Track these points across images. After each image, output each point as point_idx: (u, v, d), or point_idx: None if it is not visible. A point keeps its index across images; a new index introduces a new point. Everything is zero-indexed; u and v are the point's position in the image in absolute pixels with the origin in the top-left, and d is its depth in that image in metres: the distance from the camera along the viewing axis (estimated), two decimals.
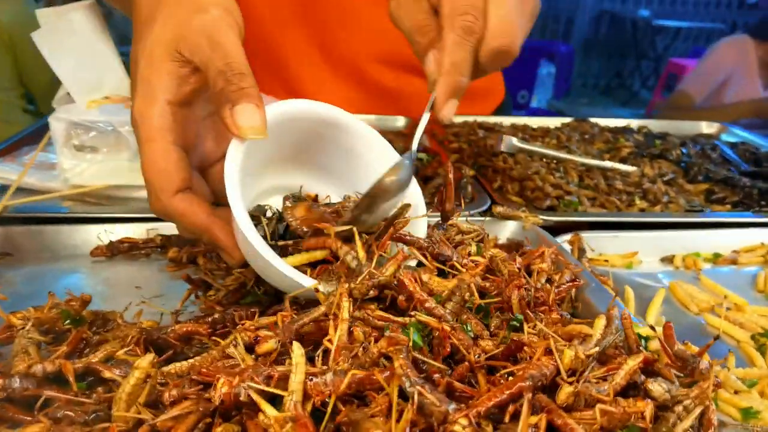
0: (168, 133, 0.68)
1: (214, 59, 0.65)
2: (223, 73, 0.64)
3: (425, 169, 1.45)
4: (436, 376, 0.60)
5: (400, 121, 1.92)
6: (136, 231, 1.07)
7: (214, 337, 0.73)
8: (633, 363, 0.61)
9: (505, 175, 1.38)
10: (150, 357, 0.60)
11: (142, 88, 0.67)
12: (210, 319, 0.76)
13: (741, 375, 0.77)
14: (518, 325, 0.69)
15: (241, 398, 0.53)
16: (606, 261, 1.10)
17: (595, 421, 0.55)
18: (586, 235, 1.18)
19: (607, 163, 1.45)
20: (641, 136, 1.78)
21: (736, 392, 0.73)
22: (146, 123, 0.67)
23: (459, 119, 1.93)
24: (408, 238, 0.80)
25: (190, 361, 0.65)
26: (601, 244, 1.19)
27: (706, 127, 2.14)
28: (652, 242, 1.21)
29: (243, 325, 0.69)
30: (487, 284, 0.80)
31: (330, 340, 0.61)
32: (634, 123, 2.00)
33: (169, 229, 1.06)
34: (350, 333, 0.62)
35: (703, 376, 0.63)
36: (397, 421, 0.52)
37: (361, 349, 0.59)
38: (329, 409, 0.52)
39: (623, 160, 1.53)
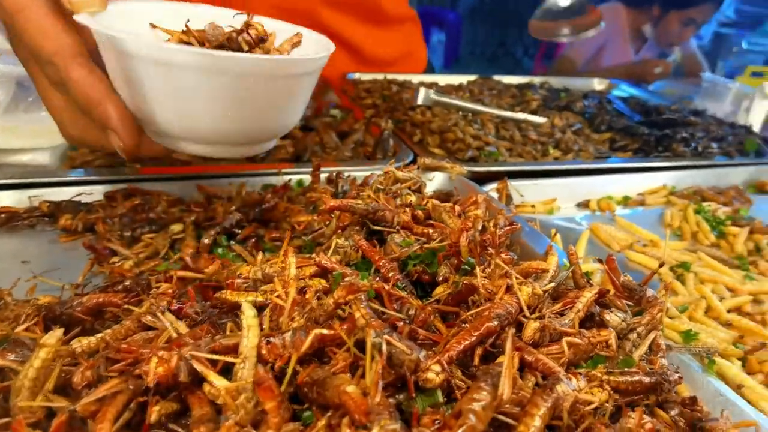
0: (44, 3, 0.61)
1: None
2: None
3: (341, 124, 1.38)
4: (400, 324, 0.55)
5: None
6: (16, 199, 0.91)
7: (127, 306, 0.63)
8: (590, 295, 0.60)
9: (425, 128, 1.35)
10: (58, 333, 0.49)
11: None
12: (121, 286, 0.66)
13: (674, 303, 0.81)
14: (470, 269, 0.66)
15: (181, 378, 0.45)
16: (533, 207, 1.11)
17: (563, 355, 0.54)
18: (509, 184, 1.19)
19: (521, 115, 1.46)
20: (545, 91, 1.83)
21: (669, 318, 0.76)
22: None
23: (368, 77, 1.88)
24: (349, 205, 0.74)
25: (101, 335, 0.55)
26: (522, 192, 1.20)
27: (598, 84, 2.26)
28: (567, 188, 1.24)
29: (159, 289, 0.60)
30: (431, 231, 0.76)
31: (280, 296, 0.54)
32: (537, 79, 2.05)
33: (57, 195, 0.92)
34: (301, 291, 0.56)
35: (650, 303, 0.64)
36: (362, 376, 0.47)
37: (315, 301, 0.53)
38: (289, 371, 0.46)
39: (533, 113, 1.56)
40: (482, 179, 1.18)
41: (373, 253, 0.68)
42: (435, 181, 1.14)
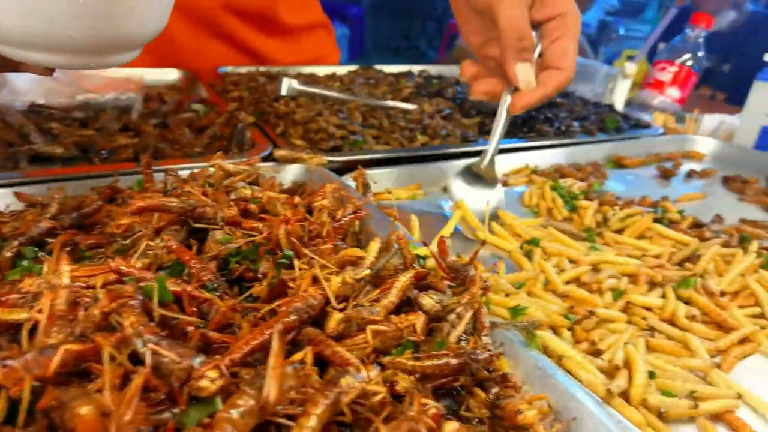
0: None
1: None
2: None
3: (200, 120, 1.30)
4: (190, 329, 0.50)
5: (171, 74, 1.72)
6: None
7: None
8: (404, 279, 0.58)
9: (288, 119, 1.29)
10: None
11: None
12: None
13: (511, 279, 0.81)
14: (288, 262, 0.62)
15: None
16: (389, 193, 1.09)
17: (368, 344, 0.51)
18: (374, 172, 1.17)
19: (389, 102, 1.45)
20: (421, 79, 1.84)
21: (507, 295, 0.76)
22: None
23: (244, 69, 1.80)
24: (161, 204, 0.68)
25: None
26: (388, 179, 1.18)
27: None
28: (433, 173, 1.24)
29: None
30: (261, 225, 0.72)
31: (41, 311, 0.47)
32: (416, 68, 2.06)
33: None
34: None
35: (473, 282, 0.63)
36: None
37: (83, 312, 0.47)
38: (25, 395, 0.40)
39: (405, 100, 1.55)
40: (347, 169, 1.15)
41: (184, 253, 0.63)
42: (291, 173, 1.10)
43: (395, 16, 11.04)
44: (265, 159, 1.12)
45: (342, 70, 1.95)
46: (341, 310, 0.53)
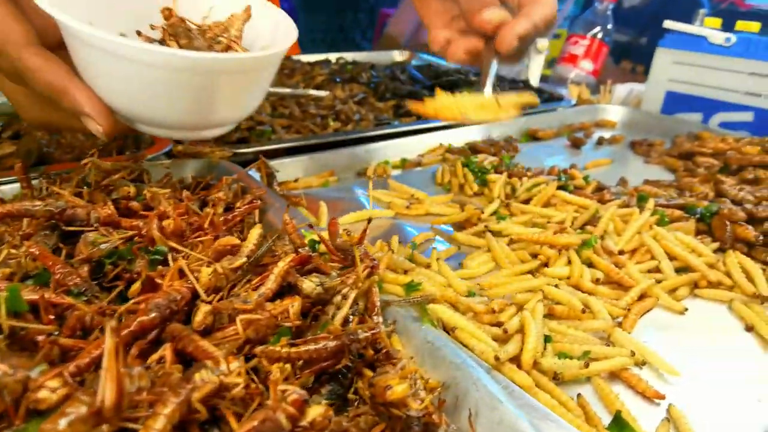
0: None
1: None
2: None
3: None
4: (40, 338, 0.47)
5: None
6: None
7: None
8: (282, 265, 0.56)
9: None
10: None
11: None
12: None
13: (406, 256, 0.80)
14: (161, 258, 0.59)
15: None
16: (295, 181, 1.07)
17: (239, 336, 0.49)
18: (285, 161, 1.14)
19: (299, 90, 1.42)
20: (337, 66, 1.81)
21: (406, 271, 0.75)
22: None
23: None
24: (23, 209, 0.63)
25: None
26: (299, 168, 1.15)
27: (398, 56, 2.29)
28: (347, 159, 1.22)
29: None
30: (141, 223, 0.68)
31: None
32: (333, 56, 2.03)
33: None
34: None
35: (362, 261, 0.62)
36: None
37: None
38: None
39: (318, 87, 1.52)
40: (254, 161, 1.12)
41: (47, 259, 0.58)
42: (191, 168, 1.05)
43: (328, 9, 10.94)
44: (168, 155, 1.07)
45: None
46: (210, 302, 0.51)
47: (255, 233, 0.61)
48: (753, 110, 1.52)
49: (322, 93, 1.43)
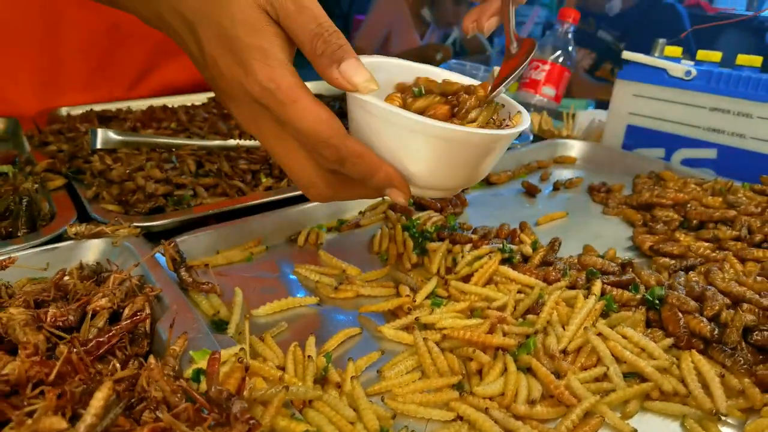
0: (307, 89, 0.65)
1: (306, 22, 0.64)
2: (319, 35, 0.64)
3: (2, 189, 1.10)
4: None
5: None
6: None
7: None
8: None
9: (103, 177, 1.12)
10: None
11: (257, 54, 0.64)
12: None
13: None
14: None
15: None
16: (206, 266, 0.95)
17: None
18: (202, 233, 1.02)
19: (231, 142, 1.30)
20: None
21: (302, 408, 0.64)
22: (283, 85, 0.64)
23: (79, 110, 1.60)
24: None
25: None
26: (222, 237, 1.04)
27: None
28: (277, 223, 1.11)
29: None
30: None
31: None
32: None
33: None
34: None
35: (238, 421, 0.51)
36: None
37: None
38: None
39: None
40: (175, 231, 1.01)
41: None
42: (96, 251, 0.93)
43: None
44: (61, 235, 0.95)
45: (199, 98, 1.79)
46: None
47: (98, 399, 0.50)
48: (716, 147, 1.45)
49: (255, 143, 1.32)
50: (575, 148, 1.61)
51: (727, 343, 0.73)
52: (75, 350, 0.59)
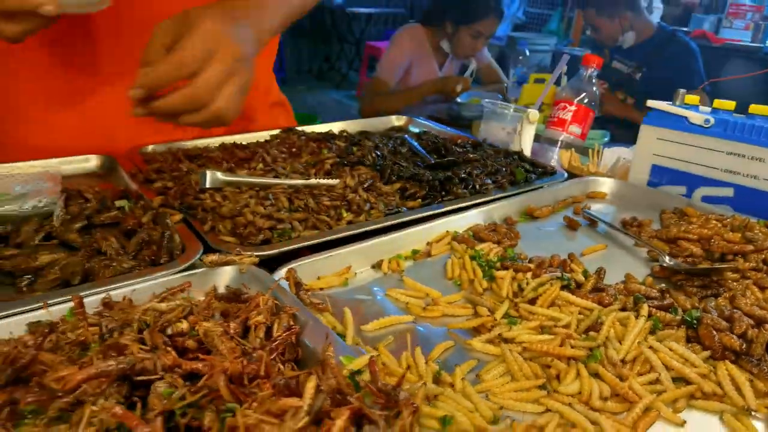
0: None
1: None
2: None
3: (127, 220, 1.30)
4: None
5: (90, 162, 1.71)
6: None
7: None
8: (340, 423, 0.64)
9: (216, 213, 1.33)
10: None
11: None
12: None
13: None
14: (231, 414, 0.67)
15: None
16: (321, 290, 1.15)
17: None
18: (304, 262, 1.22)
19: (312, 181, 1.51)
20: (342, 141, 1.91)
21: (436, 397, 0.83)
22: None
23: (162, 147, 1.80)
24: (100, 371, 0.71)
25: None
26: (319, 266, 1.24)
27: (396, 120, 2.40)
28: (362, 253, 1.31)
29: None
30: (200, 366, 0.76)
31: None
32: (336, 126, 2.13)
33: None
34: None
35: (403, 405, 0.70)
36: None
37: None
38: None
39: (328, 173, 1.61)
40: (280, 260, 1.20)
41: (130, 419, 0.66)
42: (225, 277, 1.13)
43: (314, 40, 11.17)
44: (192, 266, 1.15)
45: (264, 135, 2.00)
46: None
47: (311, 387, 0.69)
48: (733, 186, 1.65)
49: (333, 181, 1.52)
50: (606, 185, 1.81)
51: (754, 356, 0.93)
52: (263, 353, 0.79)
